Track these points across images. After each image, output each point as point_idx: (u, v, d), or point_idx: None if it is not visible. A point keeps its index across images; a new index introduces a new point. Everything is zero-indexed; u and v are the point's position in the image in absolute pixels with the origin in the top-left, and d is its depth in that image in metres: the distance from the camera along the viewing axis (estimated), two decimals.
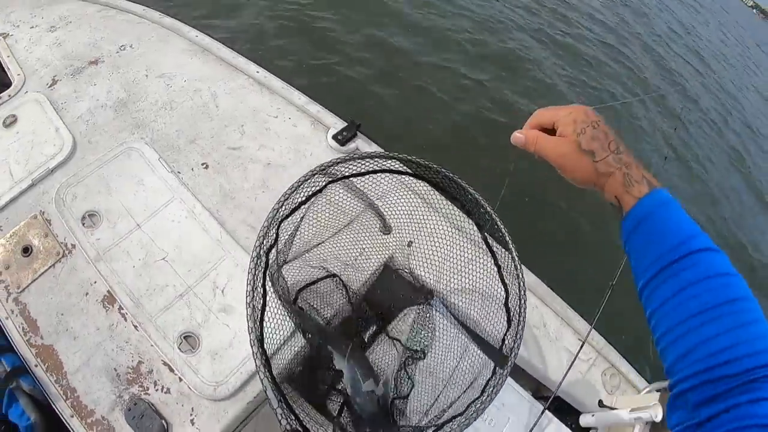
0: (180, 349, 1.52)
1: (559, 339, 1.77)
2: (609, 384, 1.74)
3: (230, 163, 1.89)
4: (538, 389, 1.81)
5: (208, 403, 1.44)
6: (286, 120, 2.02)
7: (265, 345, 0.90)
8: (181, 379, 1.48)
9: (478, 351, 1.19)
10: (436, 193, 1.17)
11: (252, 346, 0.88)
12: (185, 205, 1.76)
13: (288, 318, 1.09)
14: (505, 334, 1.08)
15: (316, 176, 1.03)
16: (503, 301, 1.10)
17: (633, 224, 0.66)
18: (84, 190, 1.76)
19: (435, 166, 1.11)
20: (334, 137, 1.99)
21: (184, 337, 1.54)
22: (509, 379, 1.55)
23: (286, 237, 1.08)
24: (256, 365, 0.86)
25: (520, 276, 1.07)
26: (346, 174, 1.09)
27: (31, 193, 1.76)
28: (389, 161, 1.10)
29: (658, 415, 1.33)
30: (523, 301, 1.05)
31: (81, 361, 1.51)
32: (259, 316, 0.90)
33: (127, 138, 1.89)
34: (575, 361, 1.52)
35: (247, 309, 0.88)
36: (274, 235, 0.99)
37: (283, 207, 0.99)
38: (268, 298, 0.93)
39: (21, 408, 1.47)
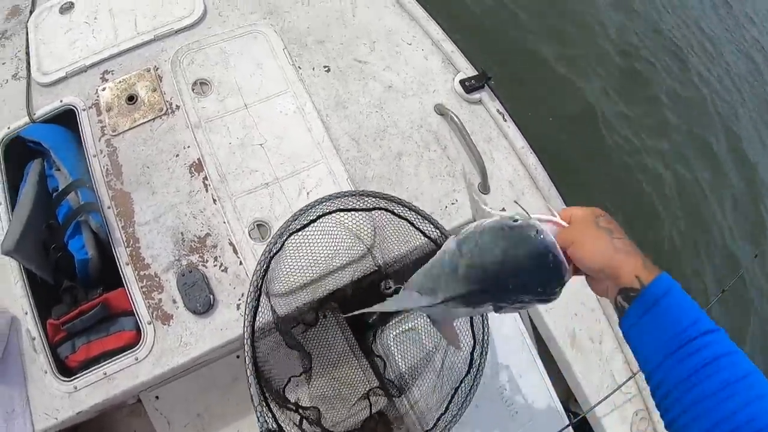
0: (250, 234, 1.41)
1: (609, 362, 1.63)
2: (636, 426, 1.60)
3: (352, 74, 1.76)
4: (568, 399, 1.69)
5: None
6: (418, 50, 1.86)
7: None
8: (241, 263, 1.38)
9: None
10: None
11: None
12: (297, 100, 1.65)
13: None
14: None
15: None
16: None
17: (648, 305, 0.67)
18: (202, 58, 1.69)
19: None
20: (462, 82, 1.82)
21: (257, 225, 1.43)
22: (546, 380, 1.50)
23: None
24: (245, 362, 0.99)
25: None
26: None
27: (151, 47, 1.71)
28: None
29: None
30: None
31: (152, 216, 1.44)
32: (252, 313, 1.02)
33: (258, 21, 1.81)
34: (616, 391, 1.45)
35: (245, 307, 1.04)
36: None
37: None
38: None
39: (83, 241, 1.42)
